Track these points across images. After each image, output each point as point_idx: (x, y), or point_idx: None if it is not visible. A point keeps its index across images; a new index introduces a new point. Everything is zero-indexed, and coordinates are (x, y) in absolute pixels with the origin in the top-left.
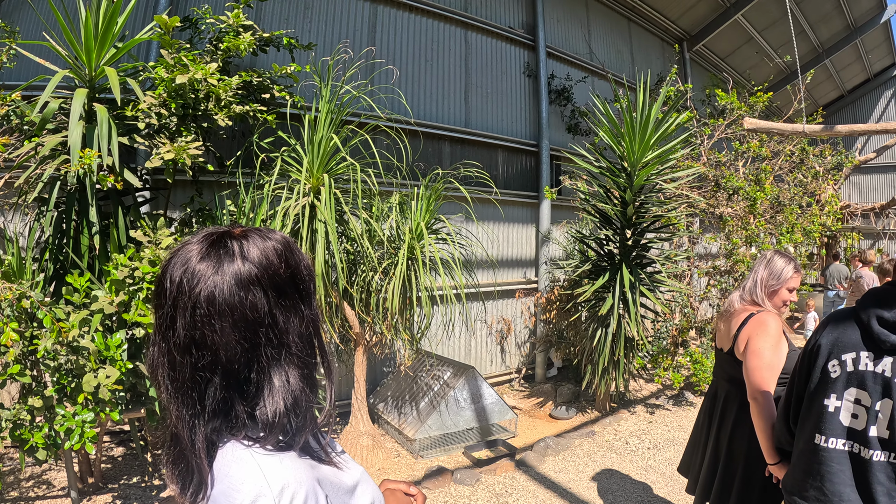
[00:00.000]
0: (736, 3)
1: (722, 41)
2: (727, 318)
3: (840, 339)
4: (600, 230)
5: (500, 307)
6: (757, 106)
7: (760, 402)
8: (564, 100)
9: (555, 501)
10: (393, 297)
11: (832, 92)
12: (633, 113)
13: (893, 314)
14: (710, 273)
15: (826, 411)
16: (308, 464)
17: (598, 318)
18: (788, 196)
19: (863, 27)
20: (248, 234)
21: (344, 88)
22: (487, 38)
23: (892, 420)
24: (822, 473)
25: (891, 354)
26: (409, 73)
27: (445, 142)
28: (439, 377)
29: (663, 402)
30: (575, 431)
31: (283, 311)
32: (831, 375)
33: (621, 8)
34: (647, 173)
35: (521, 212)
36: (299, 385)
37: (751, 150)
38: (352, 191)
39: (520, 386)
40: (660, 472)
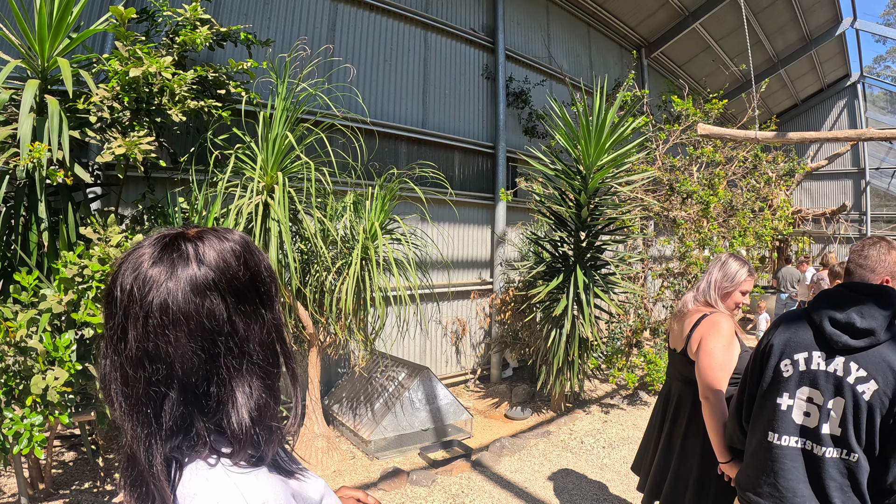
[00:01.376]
0: (694, 13)
1: (680, 49)
2: (680, 318)
3: (792, 339)
4: (555, 232)
5: (455, 308)
6: (712, 112)
7: (712, 401)
8: (522, 102)
9: (511, 501)
10: (346, 298)
11: (786, 101)
12: (589, 117)
13: (845, 315)
14: (664, 275)
15: (779, 410)
16: (280, 479)
17: (553, 318)
18: (741, 201)
19: (818, 39)
20: (204, 235)
21: (300, 86)
22: (447, 39)
23: (844, 418)
24: (775, 470)
25: (843, 354)
26: (368, 72)
27: (402, 142)
28: (394, 378)
29: (618, 401)
30: (530, 431)
31: (244, 317)
32: (784, 374)
33: (582, 13)
34: (601, 176)
35: (476, 213)
36: (263, 396)
37: (705, 156)
38: (305, 189)
39: (475, 387)
40: (615, 471)
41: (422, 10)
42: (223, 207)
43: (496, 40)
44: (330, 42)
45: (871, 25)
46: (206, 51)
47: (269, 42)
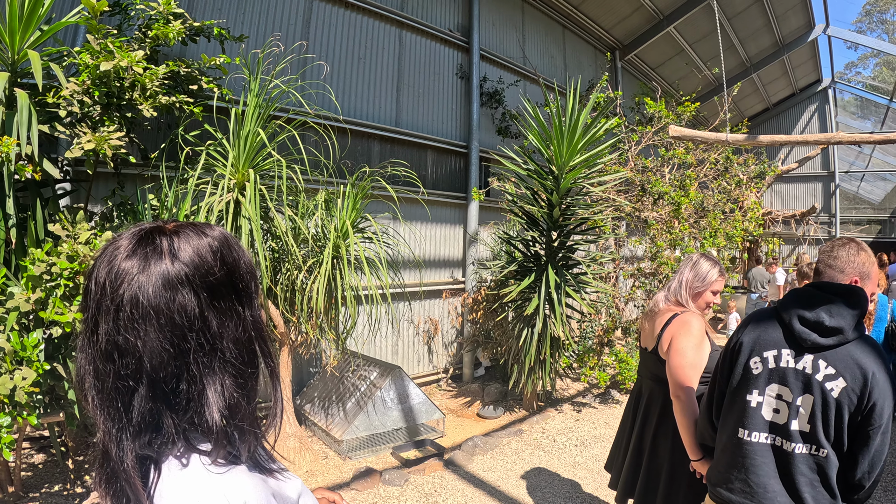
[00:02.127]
0: (669, 17)
1: (653, 52)
2: (652, 317)
3: (762, 337)
4: (527, 231)
5: (427, 307)
6: (684, 115)
7: (683, 399)
8: (496, 102)
9: (484, 500)
10: (318, 297)
11: (758, 104)
12: (562, 117)
13: (814, 314)
14: (636, 275)
15: (749, 406)
16: (260, 477)
17: (525, 318)
18: (712, 202)
19: (791, 44)
20: (182, 229)
21: (273, 83)
22: (422, 38)
23: (813, 415)
24: (746, 466)
25: (812, 352)
26: (342, 70)
27: (375, 140)
28: (366, 377)
29: (590, 400)
30: (503, 430)
31: (217, 313)
32: (753, 372)
33: (557, 15)
34: (573, 176)
35: (449, 212)
36: (235, 395)
37: (676, 157)
38: (276, 187)
39: (447, 386)
40: (588, 469)
41: (397, 9)
42: (194, 205)
43: (471, 40)
44: (304, 39)
45: (843, 32)
46: (179, 45)
47: (243, 38)
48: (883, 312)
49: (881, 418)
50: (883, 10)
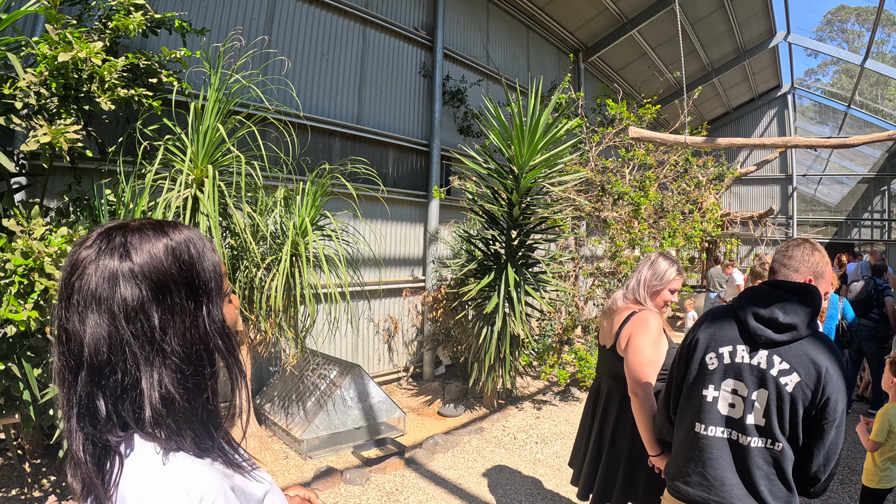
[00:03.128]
0: (633, 20)
1: (617, 54)
2: (610, 315)
3: (717, 333)
4: (487, 230)
5: (387, 306)
6: (645, 117)
7: (641, 396)
8: (458, 101)
9: (446, 498)
10: (276, 295)
11: (719, 108)
12: (523, 117)
13: (769, 311)
14: (595, 274)
15: (705, 401)
16: (221, 472)
17: (484, 316)
18: (672, 203)
19: (752, 50)
20: (143, 228)
21: (234, 77)
22: (386, 35)
23: (768, 409)
24: (703, 460)
25: (766, 348)
26: (305, 66)
27: (336, 137)
28: (326, 376)
29: (550, 398)
30: (464, 428)
31: (163, 310)
32: (709, 367)
33: (522, 16)
34: (534, 176)
35: (409, 211)
36: (172, 389)
37: (636, 158)
38: (235, 183)
39: (408, 384)
40: (548, 466)
41: (362, 6)
42: (151, 200)
43: (435, 39)
44: (268, 34)
45: (803, 40)
46: (140, 38)
47: (205, 31)
48: (834, 311)
49: (835, 412)
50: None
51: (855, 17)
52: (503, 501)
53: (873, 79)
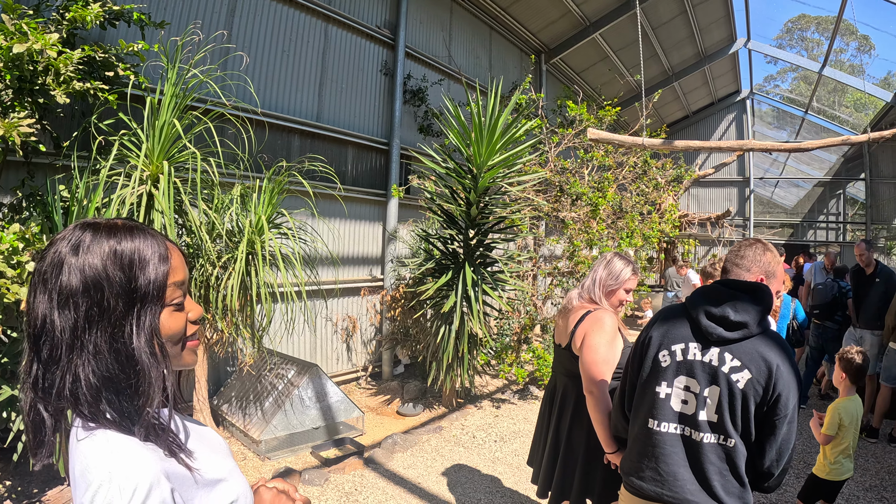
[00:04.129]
0: (595, 23)
1: (579, 56)
2: (565, 314)
3: (670, 331)
4: (445, 229)
5: (345, 305)
6: (605, 119)
7: (596, 395)
8: (419, 100)
9: (405, 497)
10: (232, 294)
11: (678, 112)
12: (482, 117)
13: (720, 309)
14: (553, 273)
15: (658, 398)
16: (156, 455)
17: (442, 315)
18: (631, 204)
19: (712, 56)
20: (103, 228)
21: (191, 72)
22: (348, 33)
23: (719, 405)
24: (656, 455)
25: (718, 345)
26: (265, 61)
27: (296, 135)
28: (283, 376)
29: (509, 396)
30: (422, 427)
31: (92, 305)
32: (662, 364)
33: (485, 16)
34: (492, 176)
35: (368, 209)
36: (94, 380)
37: (595, 160)
38: (190, 180)
39: (367, 384)
40: (507, 464)
41: (325, 3)
42: (106, 197)
43: (397, 37)
44: (229, 29)
45: (763, 47)
46: (98, 30)
47: (164, 24)
48: (786, 310)
49: (786, 408)
50: (804, 28)
51: (815, 26)
52: (462, 500)
53: (831, 86)
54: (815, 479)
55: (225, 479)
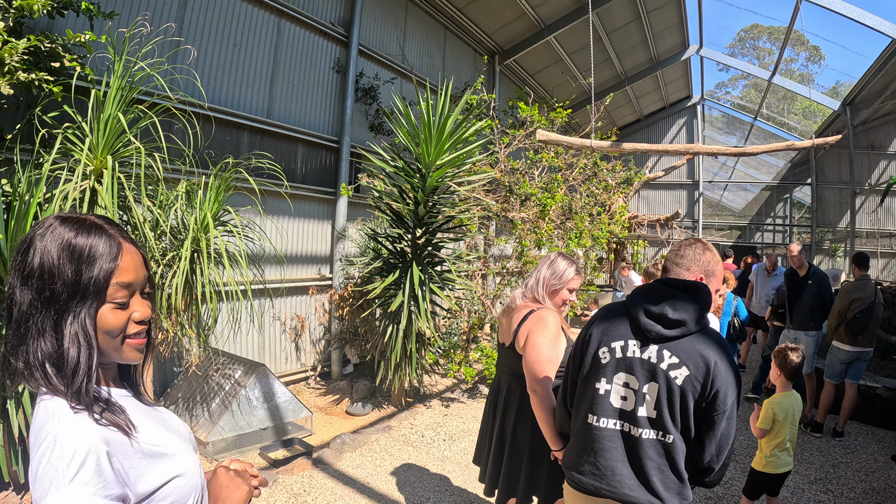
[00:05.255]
0: (550, 26)
1: (533, 58)
2: (509, 313)
3: (610, 328)
4: (393, 228)
5: (294, 304)
6: (557, 121)
7: (540, 393)
8: (371, 99)
9: (354, 497)
10: (177, 293)
11: (630, 115)
12: (431, 116)
13: (659, 307)
14: (502, 273)
15: (598, 394)
16: (98, 423)
17: (390, 314)
18: (580, 205)
19: (665, 62)
20: (69, 221)
21: (139, 65)
22: (301, 29)
23: (658, 402)
24: (595, 450)
25: (656, 343)
26: (217, 56)
27: (245, 131)
28: (230, 376)
29: (458, 395)
30: (371, 427)
31: (42, 289)
32: (602, 361)
33: (440, 16)
34: (440, 175)
35: (318, 208)
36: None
37: (544, 161)
38: (134, 175)
39: (316, 384)
40: (456, 463)
41: None
42: (48, 192)
43: (351, 34)
44: (180, 21)
45: (715, 54)
46: (46, 19)
47: (114, 15)
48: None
49: (725, 404)
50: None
51: (767, 36)
52: (411, 499)
53: (781, 94)
54: (754, 472)
55: (173, 454)
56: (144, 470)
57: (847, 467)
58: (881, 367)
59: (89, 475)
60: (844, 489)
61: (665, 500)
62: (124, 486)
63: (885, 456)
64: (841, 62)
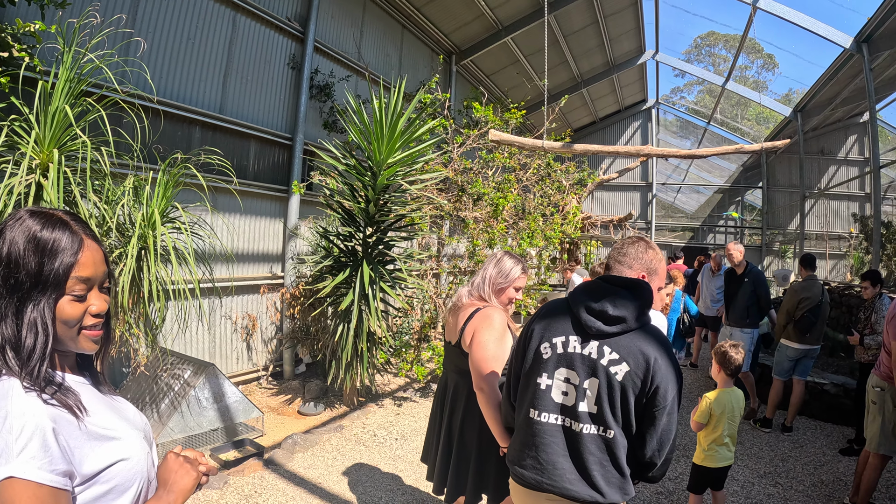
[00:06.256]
0: (508, 27)
1: (490, 59)
2: (455, 312)
3: (552, 324)
4: (344, 227)
5: (245, 303)
6: (511, 121)
7: (486, 391)
8: (325, 96)
9: (305, 498)
10: (123, 291)
11: (586, 117)
12: (383, 115)
13: (599, 304)
14: (454, 272)
15: (539, 389)
16: (50, 407)
17: (341, 313)
18: (533, 205)
19: (621, 65)
20: (39, 215)
21: (88, 56)
22: (257, 23)
23: (599, 397)
24: (536, 444)
25: (597, 339)
26: (170, 49)
27: (197, 126)
28: (179, 376)
29: (411, 394)
30: (324, 427)
31: (7, 277)
32: (543, 356)
33: (398, 15)
34: (391, 173)
35: (270, 205)
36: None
37: (497, 161)
38: (79, 169)
39: (268, 384)
40: (408, 462)
41: None
42: None
43: (307, 30)
44: (133, 12)
45: (671, 60)
46: None
47: (65, 4)
48: (677, 304)
49: (665, 400)
50: (712, 44)
51: (723, 43)
52: (363, 499)
53: (734, 100)
54: (695, 466)
55: (120, 439)
56: (90, 451)
57: (796, 461)
58: (828, 364)
59: (36, 450)
60: (793, 482)
61: (606, 495)
62: (69, 463)
63: (833, 450)
64: (794, 70)
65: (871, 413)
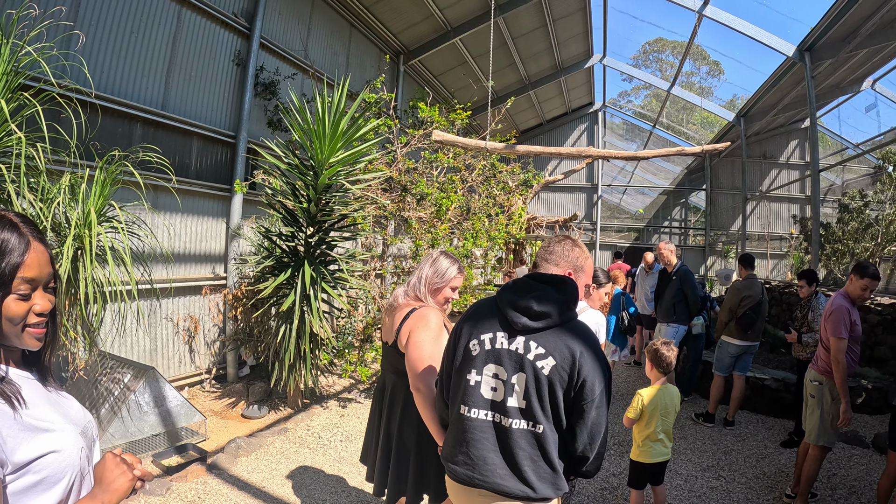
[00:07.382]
0: (456, 28)
1: (438, 60)
2: (391, 312)
3: (480, 321)
4: (287, 227)
5: (187, 304)
6: (457, 122)
7: (423, 391)
8: (270, 94)
9: (249, 502)
10: (58, 293)
11: (533, 119)
12: (326, 113)
13: (524, 301)
14: (398, 273)
15: (469, 385)
16: None
17: (283, 314)
18: (478, 205)
19: (568, 69)
20: None
21: (26, 49)
22: (202, 18)
23: (527, 392)
24: (467, 440)
25: (523, 334)
26: (112, 42)
27: (139, 122)
28: (119, 380)
29: (355, 395)
30: (268, 430)
31: None
32: (472, 353)
33: (347, 13)
34: (332, 172)
35: (212, 204)
36: None
37: (442, 161)
38: (13, 166)
39: (212, 387)
40: (353, 463)
41: None
42: None
43: (253, 27)
44: (75, 5)
45: (618, 64)
46: None
47: None
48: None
49: (593, 393)
50: (660, 50)
51: (670, 49)
52: (307, 502)
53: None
54: (632, 462)
55: (54, 431)
56: (23, 441)
57: (738, 454)
58: (769, 360)
59: None
60: (736, 475)
61: (537, 490)
62: (1, 451)
63: (775, 442)
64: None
65: (809, 406)
